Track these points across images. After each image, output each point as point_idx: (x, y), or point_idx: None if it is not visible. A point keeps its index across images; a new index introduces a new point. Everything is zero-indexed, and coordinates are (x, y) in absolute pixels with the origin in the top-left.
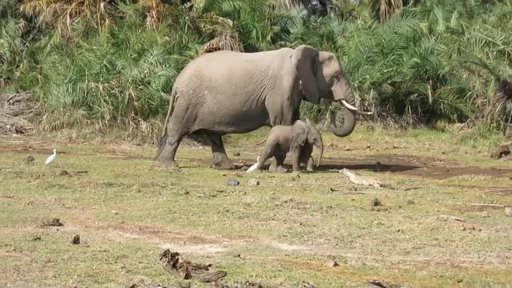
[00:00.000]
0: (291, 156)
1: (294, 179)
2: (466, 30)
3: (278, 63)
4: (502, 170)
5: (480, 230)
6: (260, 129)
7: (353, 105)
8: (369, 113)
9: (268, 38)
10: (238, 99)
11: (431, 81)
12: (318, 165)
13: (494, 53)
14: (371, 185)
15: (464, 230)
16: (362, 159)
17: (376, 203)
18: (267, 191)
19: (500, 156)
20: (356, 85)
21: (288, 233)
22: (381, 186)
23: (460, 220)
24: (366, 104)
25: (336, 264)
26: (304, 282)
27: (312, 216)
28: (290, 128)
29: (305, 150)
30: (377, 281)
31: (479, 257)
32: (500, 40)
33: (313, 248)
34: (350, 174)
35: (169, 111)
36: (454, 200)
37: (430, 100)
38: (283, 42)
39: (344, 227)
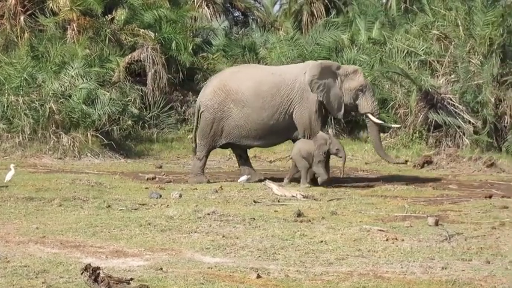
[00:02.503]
0: (315, 170)
1: (216, 191)
2: (387, 41)
3: (303, 78)
4: (424, 179)
5: (403, 240)
6: (182, 142)
7: (378, 118)
8: (395, 125)
9: (190, 49)
10: (266, 113)
11: None
12: (343, 175)
13: (416, 63)
14: (293, 196)
15: (387, 240)
16: (285, 171)
17: (299, 214)
18: (189, 203)
19: (423, 166)
20: None
21: (211, 246)
22: (304, 197)
23: (382, 230)
24: None
25: (259, 276)
26: None
27: (234, 228)
28: (312, 141)
29: (327, 162)
30: None
31: (401, 267)
32: (422, 50)
33: (236, 260)
34: (273, 186)
35: (194, 126)
36: (376, 211)
37: None
38: (205, 54)
39: (266, 239)
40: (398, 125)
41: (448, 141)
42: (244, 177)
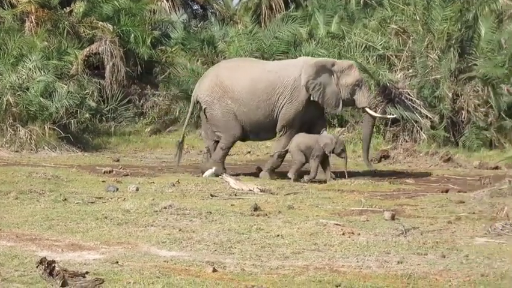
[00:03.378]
0: (310, 164)
1: (173, 185)
2: (346, 35)
3: (297, 76)
4: (381, 174)
5: (359, 234)
6: (140, 135)
7: (375, 111)
8: (390, 116)
9: (148, 42)
10: (261, 112)
11: None
12: (346, 176)
13: (374, 57)
14: (250, 190)
15: (343, 234)
16: (242, 165)
17: (256, 208)
18: (146, 197)
19: (380, 161)
20: None
21: (167, 239)
22: (261, 191)
23: (339, 225)
24: None
25: (214, 270)
26: None
27: (191, 222)
28: (314, 136)
29: (325, 160)
30: (255, 287)
31: (357, 262)
32: (380, 45)
33: (192, 254)
34: (230, 180)
35: (187, 118)
36: (333, 205)
37: None
38: (163, 47)
39: (223, 233)
40: (393, 115)
41: (405, 135)
42: (210, 171)
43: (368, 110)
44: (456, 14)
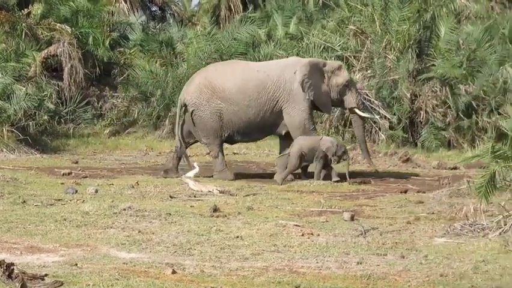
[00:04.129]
0: (315, 166)
1: (133, 187)
2: (305, 36)
3: (289, 75)
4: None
5: (318, 235)
6: (99, 137)
7: (363, 112)
8: (377, 116)
9: (107, 44)
10: (252, 111)
11: None
12: (348, 178)
13: (333, 58)
14: (210, 191)
15: (302, 235)
16: (201, 166)
17: (215, 210)
18: (105, 198)
19: (339, 161)
20: None
21: (127, 241)
22: (220, 192)
23: (298, 225)
24: None
25: (174, 272)
26: None
27: (150, 223)
28: (315, 138)
29: (327, 162)
30: None
31: (317, 262)
32: (339, 45)
33: (151, 256)
34: (189, 181)
35: (177, 121)
36: (292, 206)
37: None
38: (122, 49)
39: (182, 234)
40: (376, 116)
41: None
42: (192, 172)
43: (356, 110)
44: (414, 15)
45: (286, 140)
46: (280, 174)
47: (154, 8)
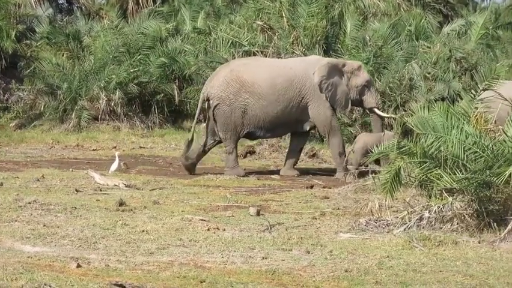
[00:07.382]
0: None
1: (38, 180)
2: (212, 31)
3: (312, 73)
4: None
5: (224, 229)
6: (4, 130)
7: (382, 111)
8: (396, 116)
9: (13, 36)
10: (280, 106)
11: (177, 81)
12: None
13: (241, 53)
14: (116, 185)
15: (208, 230)
16: (108, 160)
17: (121, 204)
18: (10, 192)
19: (245, 156)
20: (102, 85)
21: (31, 235)
22: (126, 186)
23: (204, 220)
24: (113, 104)
25: (79, 266)
26: (46, 284)
27: (56, 217)
28: (378, 134)
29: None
30: (119, 282)
31: (222, 257)
32: (247, 41)
33: (56, 250)
34: (95, 175)
35: (197, 114)
36: (199, 200)
37: (176, 100)
38: (28, 42)
39: (88, 228)
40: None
41: None
42: (113, 166)
43: (376, 110)
44: (322, 11)
45: (300, 137)
46: (289, 169)
47: (61, 1)
